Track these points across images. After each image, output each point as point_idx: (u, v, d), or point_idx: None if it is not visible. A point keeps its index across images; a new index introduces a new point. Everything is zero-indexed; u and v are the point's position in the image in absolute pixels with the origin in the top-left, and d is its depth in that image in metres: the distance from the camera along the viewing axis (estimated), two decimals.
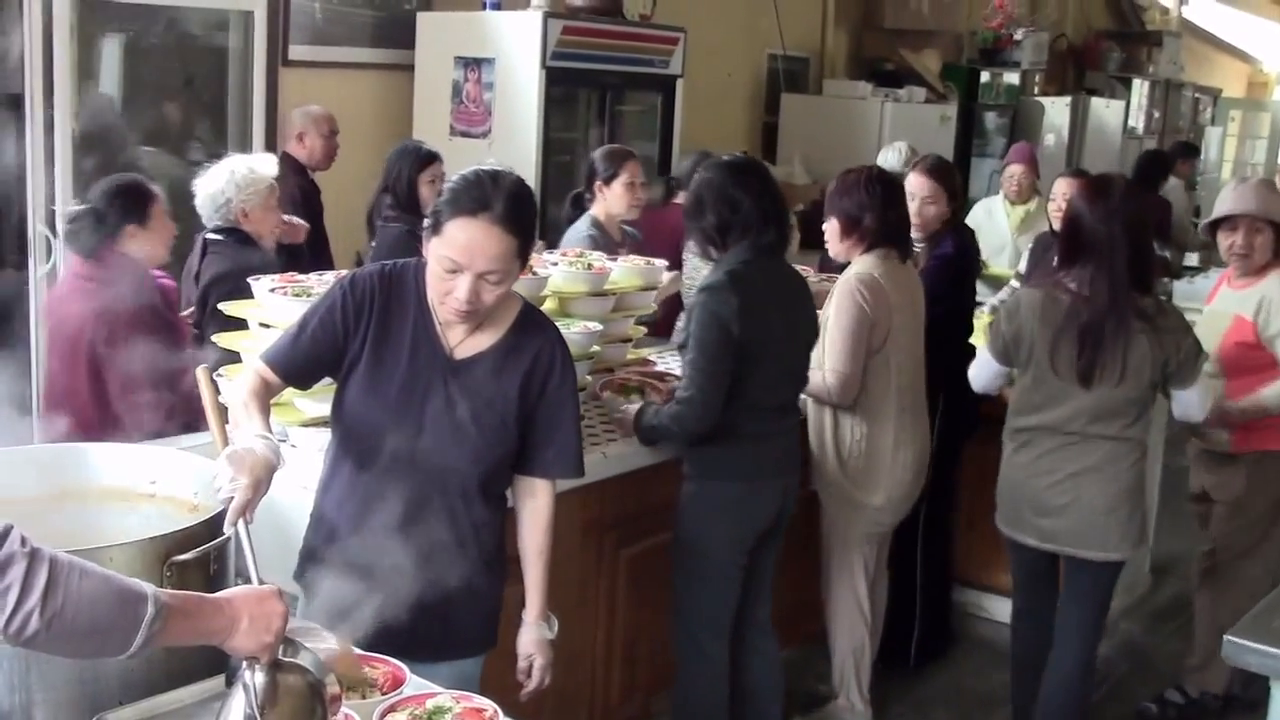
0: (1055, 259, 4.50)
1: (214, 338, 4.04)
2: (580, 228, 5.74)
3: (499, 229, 2.83)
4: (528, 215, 2.93)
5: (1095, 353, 4.21)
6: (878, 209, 4.56)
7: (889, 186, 4.67)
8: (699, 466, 4.17)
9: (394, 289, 3.05)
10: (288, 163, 6.23)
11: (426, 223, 2.92)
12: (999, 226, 7.78)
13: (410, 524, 2.99)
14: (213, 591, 2.27)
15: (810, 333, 4.35)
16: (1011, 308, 4.45)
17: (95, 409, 4.38)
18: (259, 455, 2.63)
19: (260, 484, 2.59)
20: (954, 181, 5.38)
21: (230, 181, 4.94)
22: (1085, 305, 4.20)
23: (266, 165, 5.13)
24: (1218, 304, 5.15)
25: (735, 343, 3.96)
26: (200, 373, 2.83)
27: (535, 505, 3.18)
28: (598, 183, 5.80)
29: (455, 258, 2.84)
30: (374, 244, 5.81)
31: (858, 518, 4.76)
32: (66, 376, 4.52)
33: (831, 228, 4.66)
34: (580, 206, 5.98)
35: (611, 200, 5.78)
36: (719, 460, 4.14)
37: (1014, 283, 6.86)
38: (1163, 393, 4.43)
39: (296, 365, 3.06)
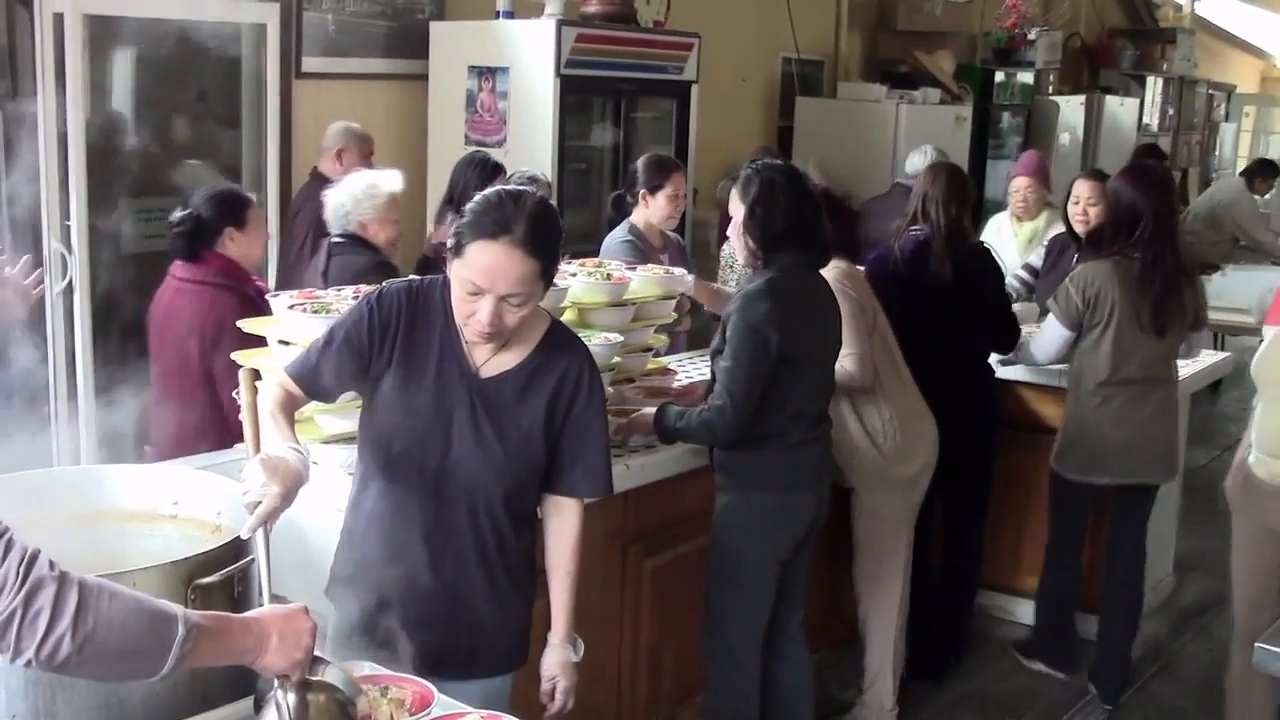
0: (1108, 236, 5.24)
1: (232, 355, 4.02)
2: (619, 234, 5.74)
3: (520, 252, 2.80)
4: (550, 237, 2.89)
5: (1170, 305, 5.11)
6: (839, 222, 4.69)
7: (833, 204, 4.88)
8: (736, 477, 4.16)
9: (421, 306, 3.02)
10: (317, 179, 6.23)
11: (449, 244, 2.90)
12: (1006, 246, 7.23)
13: (437, 542, 2.98)
14: (237, 614, 2.26)
15: (837, 343, 4.37)
16: (1084, 279, 5.15)
17: (209, 408, 4.57)
18: (291, 466, 2.62)
19: (289, 494, 2.58)
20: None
21: (350, 195, 5.23)
22: (1155, 267, 5.05)
23: (388, 181, 5.33)
24: None
25: (772, 351, 3.96)
26: (244, 375, 2.82)
27: (562, 524, 3.15)
28: (642, 191, 5.77)
29: (477, 281, 2.82)
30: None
31: (895, 495, 4.84)
32: (178, 377, 4.67)
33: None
34: (621, 208, 5.98)
35: (653, 210, 5.77)
36: (758, 470, 4.14)
37: (1020, 272, 6.81)
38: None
39: (320, 380, 3.03)
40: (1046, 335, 5.37)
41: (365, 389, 3.06)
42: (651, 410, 4.27)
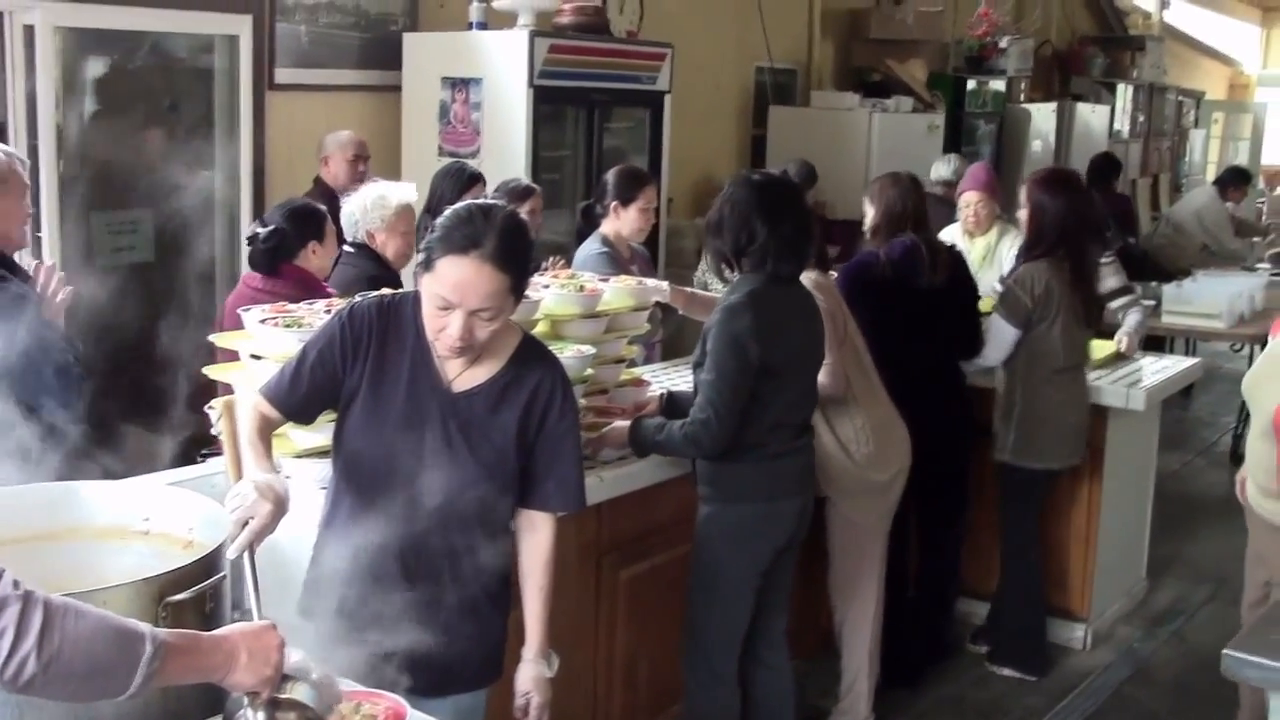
0: (1032, 240, 5.52)
1: (205, 369, 4.01)
2: (591, 245, 5.73)
3: (490, 267, 2.80)
4: (520, 251, 2.90)
5: (1094, 298, 5.62)
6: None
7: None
8: (719, 488, 4.17)
9: (392, 321, 3.02)
10: (319, 187, 6.26)
11: (419, 258, 2.90)
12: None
13: (410, 557, 2.98)
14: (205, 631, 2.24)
15: (820, 353, 4.38)
16: (1029, 279, 5.37)
17: None
18: (279, 490, 2.63)
19: (278, 514, 2.59)
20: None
21: (360, 204, 5.27)
22: (1082, 265, 5.45)
23: (398, 192, 5.34)
24: None
25: (753, 363, 3.97)
26: (221, 404, 2.82)
27: (536, 538, 3.14)
28: (613, 203, 5.76)
29: (447, 295, 2.82)
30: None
31: (869, 502, 4.83)
32: None
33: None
34: (591, 218, 5.98)
35: (624, 222, 5.76)
36: (740, 480, 4.15)
37: (997, 286, 6.83)
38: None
39: (296, 401, 3.03)
40: (999, 337, 5.48)
41: (339, 406, 3.05)
42: (624, 425, 4.27)
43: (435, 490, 2.96)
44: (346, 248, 5.28)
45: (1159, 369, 6.21)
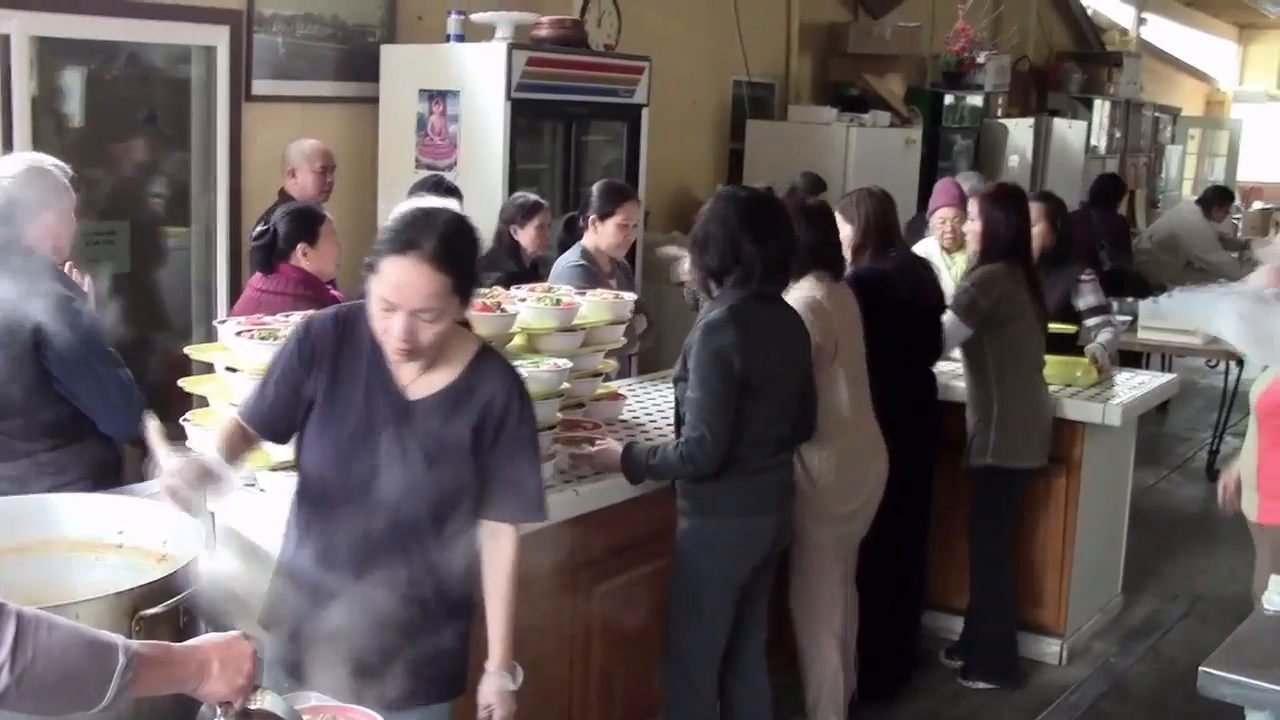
0: (985, 248, 5.64)
1: (180, 382, 4.01)
2: (570, 258, 5.75)
3: (429, 267, 2.83)
4: (462, 252, 2.92)
5: (1044, 304, 5.77)
6: (806, 236, 4.59)
7: (816, 214, 4.82)
8: (697, 502, 4.18)
9: (348, 331, 3.04)
10: (284, 199, 6.21)
11: (366, 260, 2.92)
12: (942, 278, 6.78)
13: (368, 569, 2.97)
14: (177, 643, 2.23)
15: (805, 367, 4.37)
16: (986, 282, 5.53)
17: None
18: (201, 464, 2.78)
19: (203, 471, 2.73)
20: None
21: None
22: (1032, 273, 5.68)
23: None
24: None
25: (738, 376, 3.97)
26: (151, 420, 2.86)
27: (498, 550, 3.13)
28: (593, 216, 5.80)
29: (388, 296, 2.86)
30: None
31: (827, 529, 4.75)
32: None
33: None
34: (573, 231, 6.00)
35: (603, 236, 5.80)
36: (718, 496, 4.15)
37: None
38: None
39: (264, 413, 3.07)
40: (954, 335, 5.58)
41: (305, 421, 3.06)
42: (615, 448, 4.26)
43: (389, 498, 2.96)
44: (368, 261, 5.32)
45: (1135, 384, 6.23)
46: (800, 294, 4.58)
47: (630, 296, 4.91)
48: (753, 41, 10.32)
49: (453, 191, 5.97)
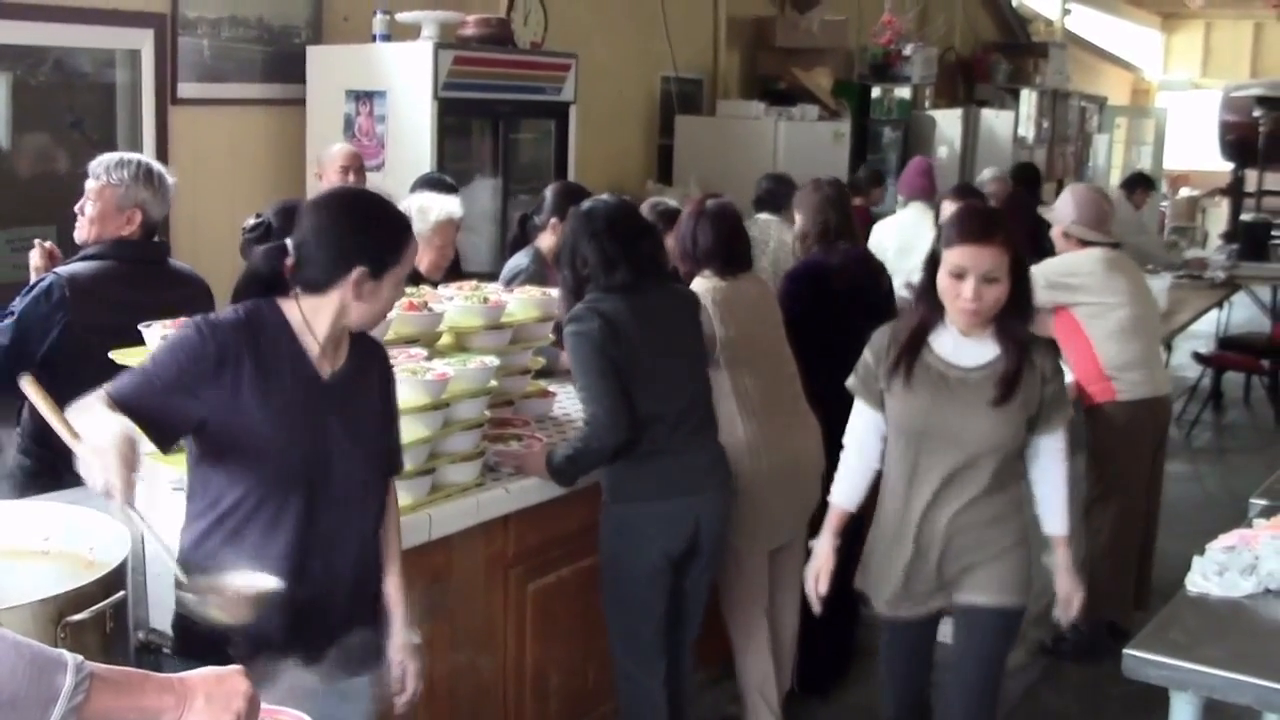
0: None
1: (112, 354, 3.95)
2: (521, 260, 5.68)
3: None
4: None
5: None
6: (701, 238, 4.79)
7: (715, 216, 4.86)
8: (610, 490, 4.23)
9: (259, 327, 2.96)
10: None
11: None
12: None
13: (317, 550, 2.97)
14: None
15: (697, 347, 4.42)
16: None
17: None
18: (114, 430, 2.55)
19: (127, 459, 2.51)
20: None
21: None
22: None
23: (440, 205, 5.38)
24: None
25: (611, 357, 4.05)
26: (25, 383, 2.73)
27: (388, 508, 3.26)
28: (551, 220, 5.70)
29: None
30: None
31: (744, 535, 4.69)
32: None
33: (673, 253, 4.92)
34: (526, 230, 5.96)
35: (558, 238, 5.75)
36: (620, 481, 4.19)
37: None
38: None
39: (158, 408, 2.86)
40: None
41: (215, 423, 2.91)
42: (540, 454, 4.27)
43: (338, 477, 2.99)
44: None
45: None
46: (696, 287, 4.69)
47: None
48: (680, 37, 10.37)
49: (452, 189, 6.00)
